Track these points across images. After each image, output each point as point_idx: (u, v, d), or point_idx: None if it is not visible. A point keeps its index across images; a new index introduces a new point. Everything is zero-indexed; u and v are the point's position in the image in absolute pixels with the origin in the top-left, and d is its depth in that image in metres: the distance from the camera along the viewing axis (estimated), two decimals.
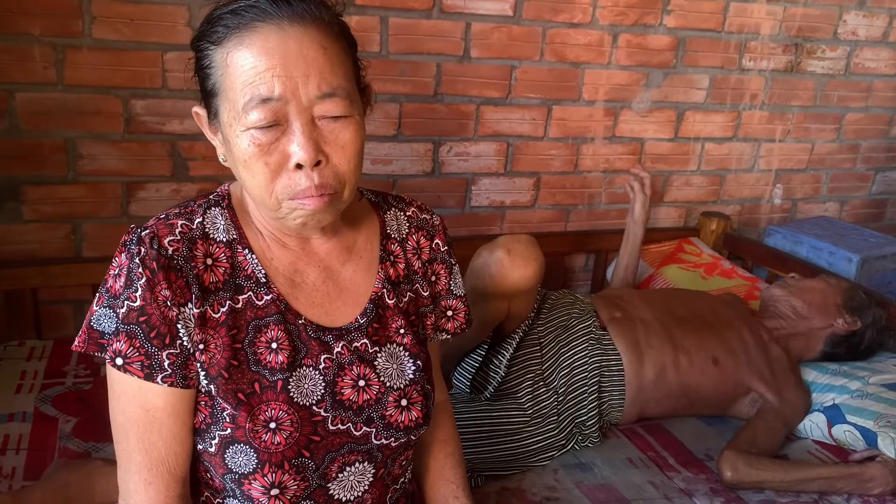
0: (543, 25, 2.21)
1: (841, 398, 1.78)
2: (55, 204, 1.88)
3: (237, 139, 0.89)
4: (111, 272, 0.94)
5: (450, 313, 1.15)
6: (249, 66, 0.86)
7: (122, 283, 0.92)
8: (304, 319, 0.98)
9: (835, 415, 1.75)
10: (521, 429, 1.63)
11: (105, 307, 0.93)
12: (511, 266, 1.59)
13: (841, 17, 2.61)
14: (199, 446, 0.96)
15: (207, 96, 0.93)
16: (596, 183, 2.47)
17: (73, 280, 1.90)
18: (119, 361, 0.90)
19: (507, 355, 1.69)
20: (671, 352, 1.78)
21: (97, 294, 0.95)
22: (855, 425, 1.71)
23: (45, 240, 1.89)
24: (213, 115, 0.93)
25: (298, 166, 0.89)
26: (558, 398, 1.70)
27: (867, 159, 2.88)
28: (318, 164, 0.89)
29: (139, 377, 0.90)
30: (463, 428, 1.60)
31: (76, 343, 0.95)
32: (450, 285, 1.14)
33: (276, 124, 0.88)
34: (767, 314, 1.96)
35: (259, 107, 0.86)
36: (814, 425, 1.78)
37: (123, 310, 0.90)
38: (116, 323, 0.91)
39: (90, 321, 0.94)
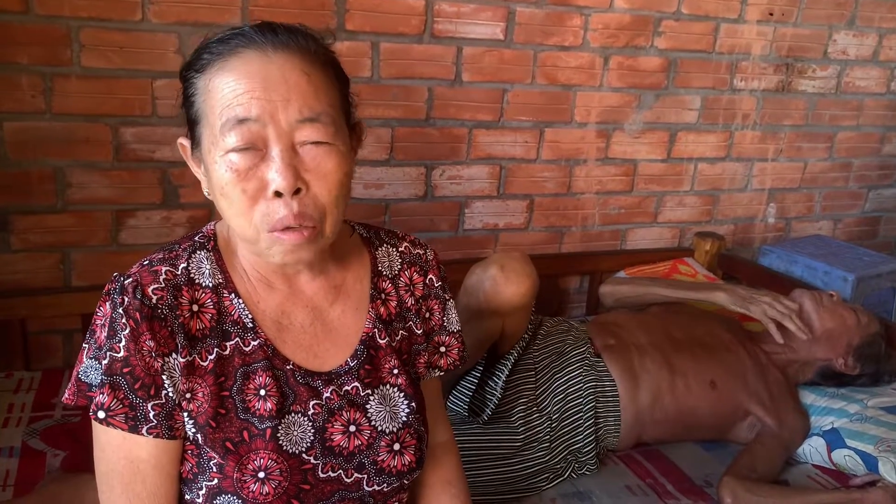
0: (535, 49, 2.21)
1: (840, 422, 1.76)
2: (44, 233, 1.85)
3: (215, 165, 0.86)
4: (97, 322, 0.91)
5: (443, 349, 1.12)
6: (229, 89, 0.85)
7: (106, 334, 0.89)
8: (293, 365, 0.95)
9: (834, 439, 1.73)
10: (513, 453, 1.61)
11: (91, 358, 0.91)
12: (505, 283, 1.58)
13: (831, 36, 2.62)
14: (187, 496, 0.93)
15: (192, 125, 0.91)
16: (589, 204, 2.46)
17: (62, 310, 1.87)
18: (101, 415, 0.87)
19: (503, 377, 1.67)
20: (667, 376, 1.76)
21: (85, 345, 0.92)
22: (855, 450, 1.69)
23: (34, 269, 1.87)
24: (196, 144, 0.91)
25: (277, 194, 0.85)
26: (552, 424, 1.68)
27: (860, 177, 2.88)
28: (297, 192, 0.86)
29: (123, 430, 0.87)
30: None
31: (66, 396, 0.91)
32: (443, 321, 1.11)
33: (254, 148, 0.85)
34: (768, 337, 1.92)
35: (235, 128, 0.84)
36: (813, 450, 1.77)
37: (107, 361, 0.88)
38: (100, 375, 0.88)
39: (78, 374, 0.91)
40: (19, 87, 1.74)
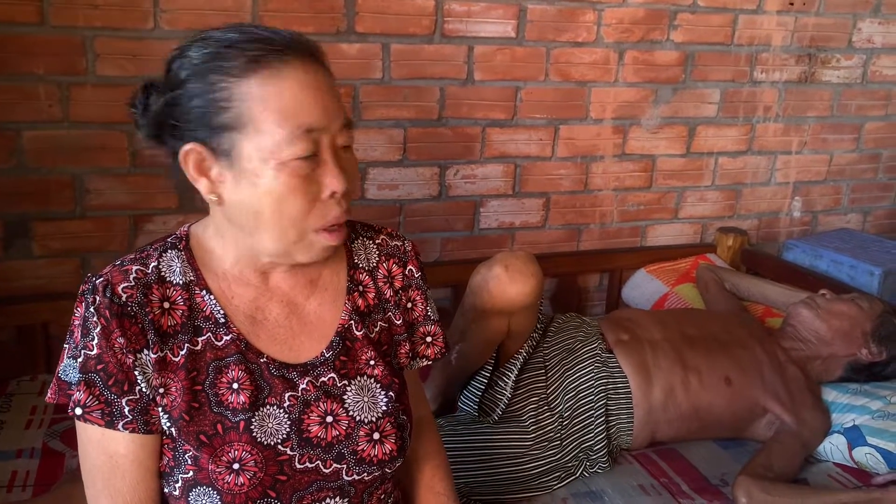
0: (547, 46, 2.20)
1: (861, 419, 1.72)
2: (63, 239, 1.90)
3: (272, 173, 0.88)
4: (74, 322, 0.94)
5: (429, 339, 1.14)
6: (291, 96, 0.88)
7: (80, 333, 0.92)
8: (267, 357, 0.97)
9: (855, 436, 1.69)
10: (524, 452, 1.60)
11: (70, 357, 0.93)
12: (509, 282, 1.58)
13: (855, 25, 2.56)
14: (165, 489, 0.96)
15: (219, 130, 0.88)
16: (607, 201, 2.44)
17: None
18: (78, 411, 0.90)
19: (513, 377, 1.67)
20: (680, 372, 1.73)
21: (65, 345, 0.95)
22: (876, 447, 1.65)
23: (55, 275, 1.91)
24: (222, 152, 0.89)
25: (331, 195, 0.91)
26: (563, 422, 1.66)
27: (889, 168, 2.81)
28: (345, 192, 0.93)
29: (100, 425, 0.90)
30: (463, 452, 1.58)
31: (49, 395, 0.94)
32: (427, 311, 1.13)
33: (314, 155, 0.90)
34: (786, 334, 1.89)
35: (303, 137, 0.88)
36: (834, 447, 1.72)
37: (81, 359, 0.91)
38: (77, 372, 0.91)
39: (59, 373, 0.94)
40: (37, 96, 1.79)
